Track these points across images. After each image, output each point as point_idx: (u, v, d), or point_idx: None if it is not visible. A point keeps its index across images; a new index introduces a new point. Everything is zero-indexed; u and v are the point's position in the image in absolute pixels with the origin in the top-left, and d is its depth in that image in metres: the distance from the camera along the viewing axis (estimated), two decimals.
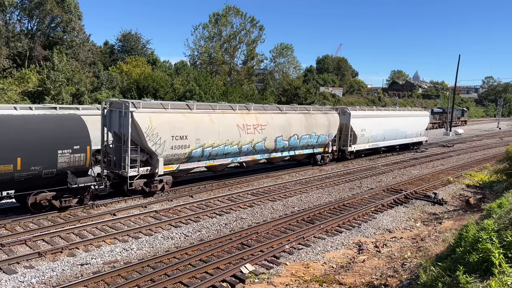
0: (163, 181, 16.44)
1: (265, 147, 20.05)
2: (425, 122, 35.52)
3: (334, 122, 24.40)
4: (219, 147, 17.79)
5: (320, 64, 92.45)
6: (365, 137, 27.28)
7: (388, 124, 29.53)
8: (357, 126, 26.18)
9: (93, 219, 13.19)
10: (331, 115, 24.47)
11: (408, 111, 34.68)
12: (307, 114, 22.90)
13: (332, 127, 24.12)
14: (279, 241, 11.69)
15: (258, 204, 15.92)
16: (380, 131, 28.68)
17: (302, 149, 22.77)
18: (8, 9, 42.73)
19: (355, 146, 26.64)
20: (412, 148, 34.92)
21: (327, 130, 23.71)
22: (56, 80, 36.32)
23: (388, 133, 29.75)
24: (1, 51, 37.08)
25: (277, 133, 20.46)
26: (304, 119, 22.28)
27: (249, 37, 59.25)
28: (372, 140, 28.17)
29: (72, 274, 9.34)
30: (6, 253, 10.25)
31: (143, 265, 9.73)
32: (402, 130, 31.67)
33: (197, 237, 12.13)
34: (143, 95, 40.36)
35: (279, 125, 20.68)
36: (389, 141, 30.61)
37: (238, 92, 49.49)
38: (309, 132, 22.48)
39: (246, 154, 19.39)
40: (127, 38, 56.44)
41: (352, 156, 27.09)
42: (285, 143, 21.14)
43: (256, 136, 19.35)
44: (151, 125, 15.25)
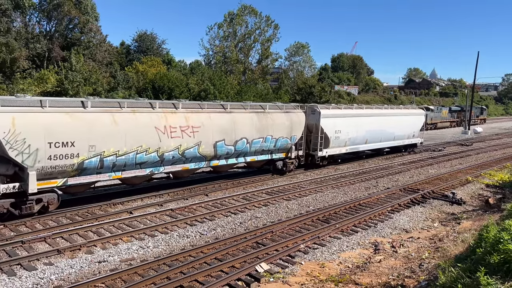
0: (43, 201, 12.80)
1: (200, 154, 16.31)
2: (419, 122, 31.50)
3: (298, 123, 20.54)
4: (128, 156, 14.04)
5: (335, 63, 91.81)
6: (341, 139, 23.44)
7: (371, 124, 25.68)
8: (329, 127, 22.35)
9: (110, 217, 13.38)
10: (294, 115, 20.51)
11: (398, 110, 30.46)
12: (262, 113, 18.95)
13: (295, 129, 20.31)
14: (294, 241, 11.65)
15: (272, 203, 15.90)
16: (360, 133, 24.84)
17: (255, 155, 18.85)
18: (28, 11, 43.68)
19: (328, 151, 22.77)
20: (404, 151, 31.32)
21: (288, 132, 19.92)
22: (74, 81, 36.97)
23: (372, 134, 25.83)
24: (21, 53, 37.90)
25: (217, 137, 16.70)
26: (256, 120, 18.42)
27: (263, 36, 59.21)
28: (350, 143, 24.29)
29: (90, 271, 9.49)
30: (26, 250, 10.47)
31: (159, 263, 9.82)
32: (390, 131, 27.76)
33: (212, 235, 12.18)
34: (159, 95, 40.78)
35: (220, 127, 16.87)
36: (373, 144, 26.59)
37: (253, 91, 49.53)
38: (264, 134, 18.65)
39: (173, 163, 15.72)
40: (143, 39, 57.05)
41: (325, 162, 23.32)
42: (229, 148, 17.32)
43: (186, 141, 15.65)
44: (14, 129, 11.58)
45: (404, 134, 29.79)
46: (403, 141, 29.92)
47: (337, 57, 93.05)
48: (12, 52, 36.94)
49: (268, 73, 62.43)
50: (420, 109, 33.20)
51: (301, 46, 67.24)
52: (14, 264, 9.55)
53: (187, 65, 63.88)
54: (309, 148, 22.40)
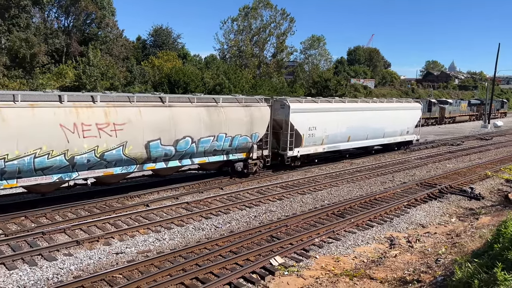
0: None
1: (127, 156, 13.66)
2: (414, 117, 28.17)
3: (261, 118, 17.77)
4: (22, 160, 11.49)
5: (351, 56, 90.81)
6: (317, 137, 20.73)
7: (355, 120, 22.84)
8: (301, 123, 19.69)
9: (128, 209, 13.62)
10: (256, 109, 17.70)
11: (388, 103, 26.73)
12: (213, 107, 16.21)
13: (257, 125, 17.58)
14: (309, 234, 11.66)
15: (287, 197, 15.91)
16: (341, 129, 22.03)
17: (205, 156, 16.27)
18: (46, 7, 44.42)
19: (300, 150, 20.05)
20: (397, 149, 28.56)
21: (248, 129, 17.21)
22: (92, 75, 37.57)
23: (355, 131, 23.01)
24: (40, 48, 38.65)
25: (150, 135, 14.09)
26: (205, 115, 15.78)
27: (279, 30, 58.96)
28: (329, 141, 21.54)
29: (108, 262, 9.71)
30: (47, 241, 10.76)
31: (175, 255, 9.97)
32: (378, 128, 24.77)
33: (227, 228, 12.29)
34: (175, 89, 41.10)
35: (155, 124, 14.23)
36: (358, 142, 23.73)
37: (267, 84, 49.47)
38: (215, 132, 16.06)
39: (91, 168, 13.10)
40: (159, 33, 57.48)
41: (298, 162, 20.62)
42: (168, 149, 14.75)
43: (105, 141, 13.04)
44: None
45: (396, 131, 26.57)
46: (394, 138, 26.73)
47: (353, 50, 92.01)
48: (32, 48, 37.72)
49: (283, 67, 62.18)
50: (415, 103, 29.64)
51: (317, 39, 66.70)
52: (35, 254, 9.83)
53: (202, 59, 64.14)
54: (279, 147, 19.82)
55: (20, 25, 39.58)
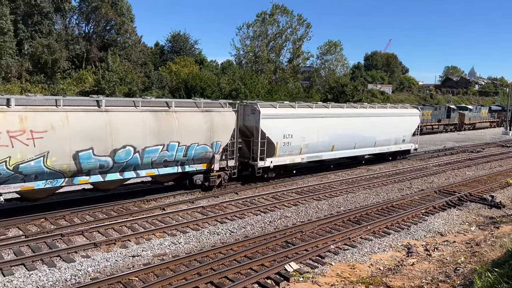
0: None
1: (49, 169, 11.98)
2: (410, 124, 25.82)
3: (224, 125, 16.08)
4: None
5: (368, 61, 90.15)
6: (293, 146, 18.77)
7: (340, 127, 20.75)
8: (274, 130, 17.83)
9: (144, 213, 13.77)
10: (218, 115, 15.93)
11: (380, 109, 24.22)
12: (163, 112, 14.41)
13: (219, 133, 15.86)
14: (324, 241, 11.57)
15: (302, 203, 15.83)
16: (323, 138, 20.00)
17: (155, 168, 14.41)
18: (68, 14, 45.57)
19: (274, 160, 18.15)
20: (392, 159, 26.05)
21: (207, 137, 15.49)
22: (110, 80, 38.30)
23: (340, 140, 20.90)
24: (61, 54, 39.63)
25: (79, 144, 12.34)
26: (153, 121, 14.00)
27: (295, 35, 59.04)
28: (309, 150, 19.53)
29: (125, 265, 9.82)
30: (65, 242, 10.96)
31: (190, 259, 10.02)
32: (368, 136, 22.59)
33: (242, 233, 12.29)
34: (191, 94, 41.51)
35: (86, 131, 12.43)
36: (343, 151, 21.59)
37: (283, 90, 49.51)
38: (165, 141, 14.28)
39: (3, 182, 11.46)
40: (176, 39, 58.22)
41: (272, 173, 18.67)
42: (104, 160, 12.95)
43: (19, 151, 11.32)
44: None
45: (389, 139, 24.31)
46: (388, 147, 24.45)
47: (370, 55, 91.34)
48: (54, 53, 38.74)
49: (299, 72, 62.14)
50: (412, 109, 27.04)
51: (334, 44, 66.46)
52: (54, 256, 10.02)
53: (218, 65, 64.68)
54: (249, 156, 18.13)
55: (42, 32, 40.72)
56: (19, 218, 12.36)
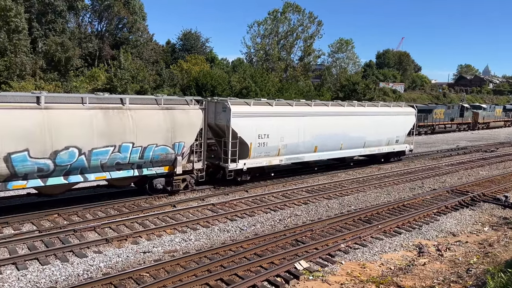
0: None
1: None
2: (405, 124, 24.22)
3: (189, 124, 14.78)
4: None
5: (380, 59, 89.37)
6: (270, 147, 17.52)
7: (324, 127, 19.41)
8: (247, 130, 16.63)
9: (155, 209, 13.88)
10: (182, 113, 14.65)
11: (370, 108, 22.41)
12: (115, 110, 13.08)
13: (182, 132, 14.59)
14: (335, 240, 11.53)
15: (313, 201, 15.79)
16: (304, 138, 18.70)
17: (106, 171, 13.19)
18: (81, 12, 46.07)
19: (248, 162, 16.94)
20: (385, 160, 24.53)
21: (168, 138, 14.26)
22: (122, 78, 38.62)
23: (324, 140, 19.53)
24: (74, 52, 40.09)
25: (10, 146, 11.22)
26: (101, 119, 12.70)
27: (306, 33, 58.79)
28: (288, 151, 18.26)
29: (136, 260, 9.92)
30: (78, 238, 11.12)
31: (201, 256, 10.08)
32: (356, 136, 21.17)
33: (252, 231, 12.31)
34: (202, 92, 41.66)
35: (19, 131, 11.33)
36: (328, 153, 20.21)
37: (294, 88, 49.35)
38: (116, 141, 13.00)
39: None
40: (188, 37, 58.44)
41: (246, 176, 17.36)
42: (42, 163, 11.79)
43: None
44: None
45: (381, 140, 22.80)
46: (379, 148, 22.95)
47: (382, 53, 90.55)
48: (67, 51, 39.22)
49: (310, 70, 61.88)
50: (407, 107, 25.08)
51: (345, 42, 66.03)
52: (67, 251, 10.17)
53: (229, 63, 64.72)
54: (219, 158, 17.11)
55: (56, 30, 41.25)
56: (32, 213, 12.57)
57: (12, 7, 35.40)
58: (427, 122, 45.03)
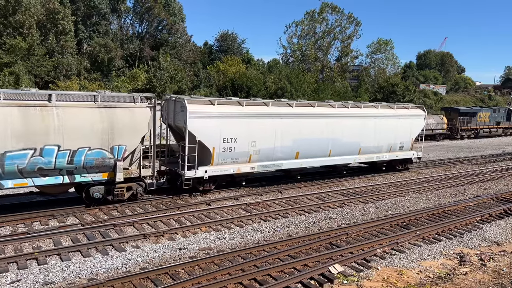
0: None
1: None
2: (412, 128, 21.39)
3: (132, 124, 13.01)
4: None
5: (421, 60, 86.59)
6: (239, 152, 15.57)
7: (308, 130, 17.23)
8: (209, 132, 14.74)
9: (191, 207, 14.15)
10: (124, 111, 12.87)
11: (367, 109, 19.69)
12: (37, 107, 11.40)
13: (123, 134, 12.83)
14: (370, 244, 11.27)
15: (348, 204, 15.52)
16: (283, 142, 16.57)
17: (27, 178, 11.55)
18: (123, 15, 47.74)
19: (210, 169, 15.09)
20: (386, 168, 21.69)
21: (105, 140, 12.52)
22: (161, 79, 39.59)
23: (308, 145, 17.30)
24: (117, 52, 41.57)
25: None
26: (18, 117, 11.11)
27: (344, 33, 57.95)
28: (262, 157, 16.23)
29: (172, 256, 10.14)
30: (117, 232, 11.52)
31: (234, 255, 10.16)
32: (349, 141, 18.69)
33: (285, 232, 12.27)
34: (238, 93, 41.98)
35: None
36: (313, 160, 17.83)
37: (330, 89, 48.73)
38: (37, 143, 11.38)
39: None
40: (224, 38, 59.12)
41: (210, 185, 15.62)
42: None
43: None
44: None
45: (380, 145, 20.19)
46: (378, 155, 20.27)
47: (423, 54, 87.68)
48: (109, 52, 40.73)
49: (348, 71, 60.90)
50: (415, 109, 22.14)
51: (384, 42, 64.44)
52: (107, 244, 10.56)
53: (265, 63, 64.86)
54: (178, 164, 15.03)
55: (100, 32, 42.97)
56: (76, 207, 13.14)
57: (60, 10, 37.21)
58: (470, 126, 43.15)
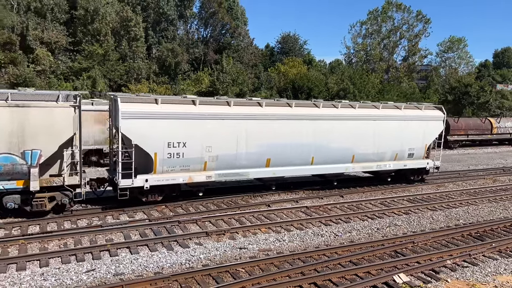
0: None
1: None
2: (425, 132, 18.28)
3: (49, 126, 11.64)
4: None
5: (499, 58, 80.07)
6: (189, 159, 13.63)
7: (282, 133, 14.99)
8: (149, 135, 13.02)
9: (251, 208, 14.31)
10: (42, 111, 11.55)
11: (365, 109, 17.14)
12: None
13: (37, 137, 11.54)
14: (439, 255, 10.60)
15: (415, 211, 14.74)
16: (248, 148, 14.48)
17: None
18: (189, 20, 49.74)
19: (153, 178, 13.29)
20: (391, 179, 18.73)
21: (14, 143, 11.36)
22: (224, 81, 40.62)
23: (282, 151, 15.08)
24: (183, 57, 43.40)
25: None
26: None
27: (411, 32, 55.34)
28: (220, 165, 14.18)
29: (232, 255, 10.32)
30: (181, 229, 11.98)
31: (294, 258, 10.09)
32: (339, 147, 16.19)
33: (347, 238, 11.95)
34: (298, 94, 41.78)
35: None
36: (289, 168, 15.56)
37: (396, 90, 46.74)
38: None
39: None
40: (286, 40, 59.19)
41: (155, 196, 13.76)
42: None
43: None
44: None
45: (382, 152, 17.28)
46: (379, 164, 17.41)
47: (501, 51, 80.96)
48: (176, 57, 42.61)
49: (415, 71, 58.02)
50: (430, 109, 19.03)
51: (457, 40, 60.47)
52: (172, 240, 11.01)
53: (326, 64, 63.90)
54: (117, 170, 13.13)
55: (167, 37, 45.14)
56: (144, 204, 13.88)
57: (133, 18, 39.69)
58: None
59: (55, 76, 35.95)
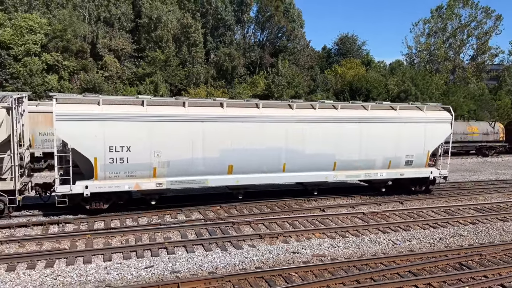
0: None
1: None
2: (426, 136, 16.22)
3: None
4: None
5: None
6: (135, 164, 12.72)
7: (247, 137, 13.77)
8: (86, 139, 12.18)
9: (305, 212, 14.16)
10: None
11: (349, 110, 15.53)
12: None
13: None
14: (510, 269, 9.73)
15: (483, 222, 13.70)
16: (204, 153, 13.34)
17: None
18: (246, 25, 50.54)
19: (94, 184, 12.46)
20: (386, 189, 16.83)
21: None
22: (279, 84, 40.69)
23: (246, 157, 13.81)
24: (239, 61, 44.17)
25: None
26: None
27: (480, 29, 51.65)
28: (173, 171, 13.16)
29: (285, 259, 10.25)
30: (235, 230, 12.14)
31: (349, 265, 9.79)
32: (318, 153, 14.69)
33: (406, 246, 11.39)
34: (356, 96, 40.70)
35: None
36: (256, 176, 14.22)
37: (463, 91, 43.82)
38: None
39: None
40: (344, 41, 57.96)
41: (101, 205, 12.99)
42: None
43: None
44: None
45: (371, 159, 15.61)
46: (367, 172, 15.69)
47: None
48: (233, 61, 43.47)
49: (485, 71, 54.05)
50: (437, 111, 16.97)
51: None
52: (226, 241, 11.20)
53: (386, 65, 61.59)
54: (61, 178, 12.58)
55: (225, 42, 46.18)
56: (200, 204, 14.27)
57: (192, 24, 41.13)
58: None
59: (121, 81, 38.22)
